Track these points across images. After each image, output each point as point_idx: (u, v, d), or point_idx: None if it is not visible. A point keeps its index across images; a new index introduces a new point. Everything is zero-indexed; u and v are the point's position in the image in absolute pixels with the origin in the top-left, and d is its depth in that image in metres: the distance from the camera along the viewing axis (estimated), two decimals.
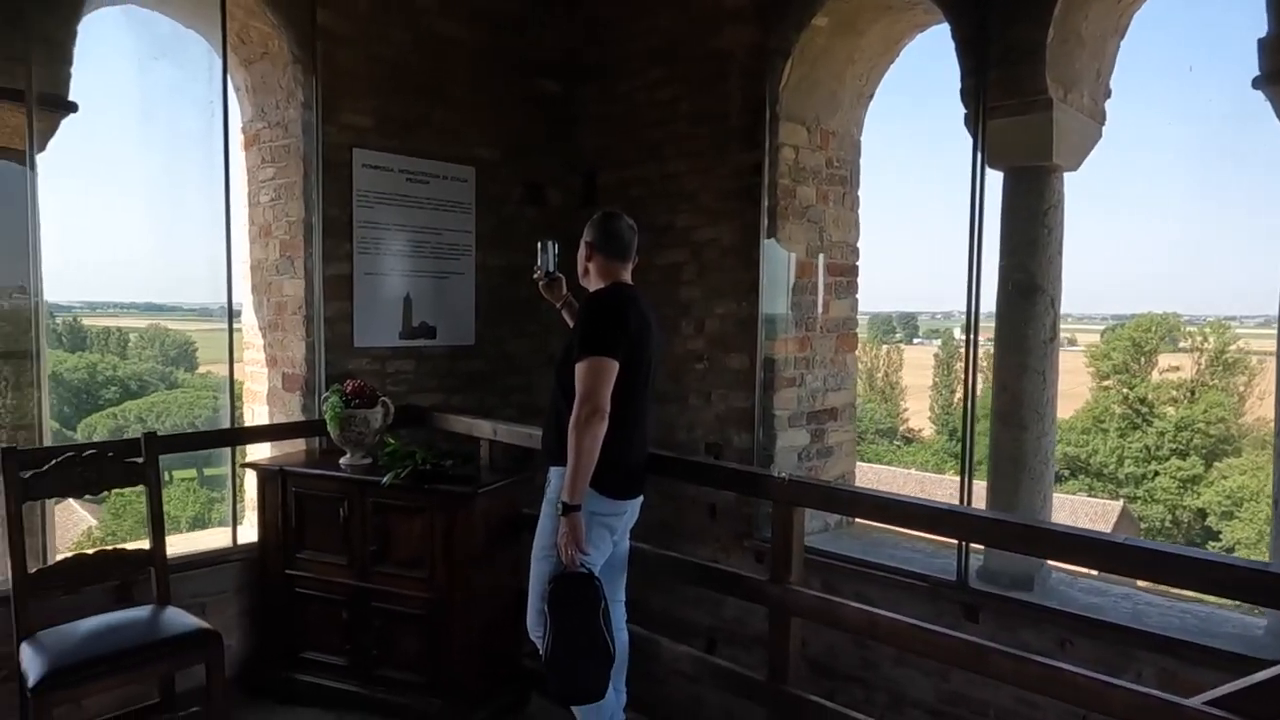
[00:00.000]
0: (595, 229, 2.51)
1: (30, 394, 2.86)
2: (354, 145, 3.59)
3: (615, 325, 2.33)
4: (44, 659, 2.24)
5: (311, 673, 3.07)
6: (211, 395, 32.71)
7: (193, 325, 40.21)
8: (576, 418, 2.24)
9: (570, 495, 2.26)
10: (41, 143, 2.84)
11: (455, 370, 4.03)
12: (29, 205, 2.81)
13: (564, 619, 2.26)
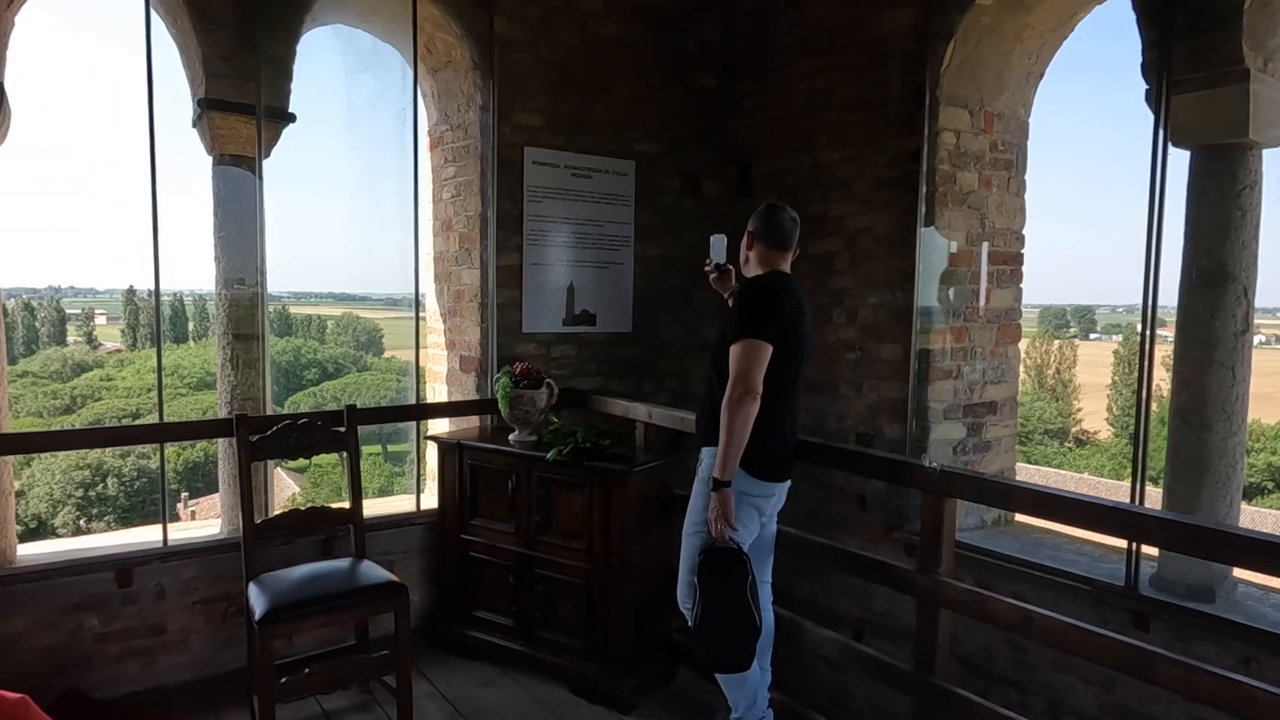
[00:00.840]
0: (758, 219, 2.57)
1: (256, 371, 3.31)
2: (525, 144, 3.85)
3: (770, 310, 2.39)
4: (267, 597, 2.62)
5: (482, 630, 3.36)
6: (395, 377, 35.51)
7: (380, 314, 43.76)
8: (729, 397, 2.32)
9: (721, 472, 2.34)
10: (267, 150, 3.27)
11: (613, 356, 4.24)
12: (257, 206, 3.24)
13: (712, 591, 2.35)
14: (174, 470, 25.57)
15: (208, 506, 21.70)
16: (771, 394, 2.37)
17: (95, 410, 27.05)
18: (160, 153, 3.05)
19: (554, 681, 3.14)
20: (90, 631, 2.91)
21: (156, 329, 3.29)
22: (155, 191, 2.98)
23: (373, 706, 2.97)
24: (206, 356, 33.67)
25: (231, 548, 3.15)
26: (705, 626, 2.38)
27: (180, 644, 3.09)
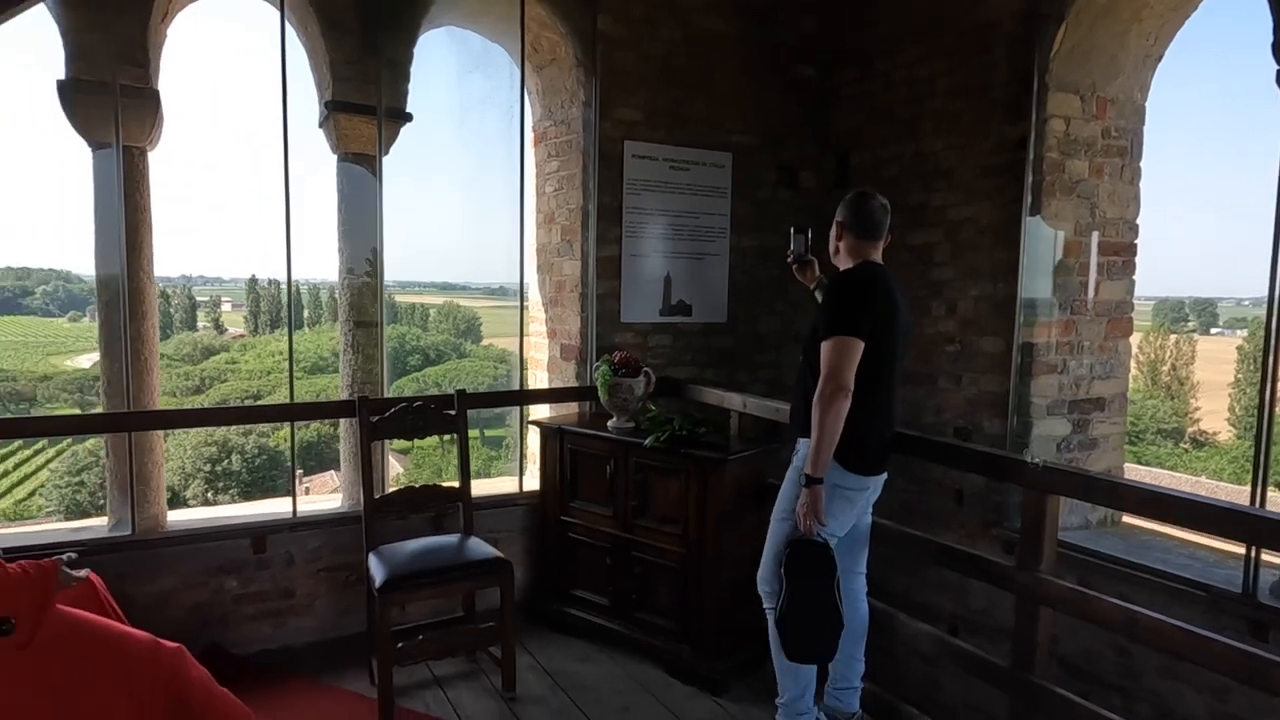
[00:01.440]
0: (847, 208, 2.53)
1: (375, 356, 3.54)
2: (625, 138, 3.95)
3: (860, 304, 2.36)
4: (385, 568, 2.82)
5: (580, 608, 3.50)
6: (492, 365, 36.73)
7: (479, 303, 45.24)
8: (821, 394, 2.31)
9: (813, 468, 2.35)
10: (386, 148, 3.48)
11: (709, 346, 4.30)
12: (377, 201, 3.46)
13: (799, 584, 2.38)
14: (290, 449, 27.18)
15: (320, 483, 23.06)
16: (865, 388, 2.35)
17: (221, 391, 29.03)
18: (295, 152, 3.29)
19: (648, 661, 3.25)
20: (230, 592, 3.20)
21: (289, 317, 3.58)
22: (288, 188, 3.23)
23: (479, 675, 3.15)
24: (320, 342, 35.62)
25: (352, 520, 3.39)
26: (792, 620, 2.40)
27: (306, 608, 3.35)
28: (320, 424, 27.70)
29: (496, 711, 2.89)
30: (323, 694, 2.96)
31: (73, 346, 40.30)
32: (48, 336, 42.83)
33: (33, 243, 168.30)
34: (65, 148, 39.93)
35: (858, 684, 2.72)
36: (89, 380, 30.09)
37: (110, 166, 3.02)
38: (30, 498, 25.38)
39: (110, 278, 3.07)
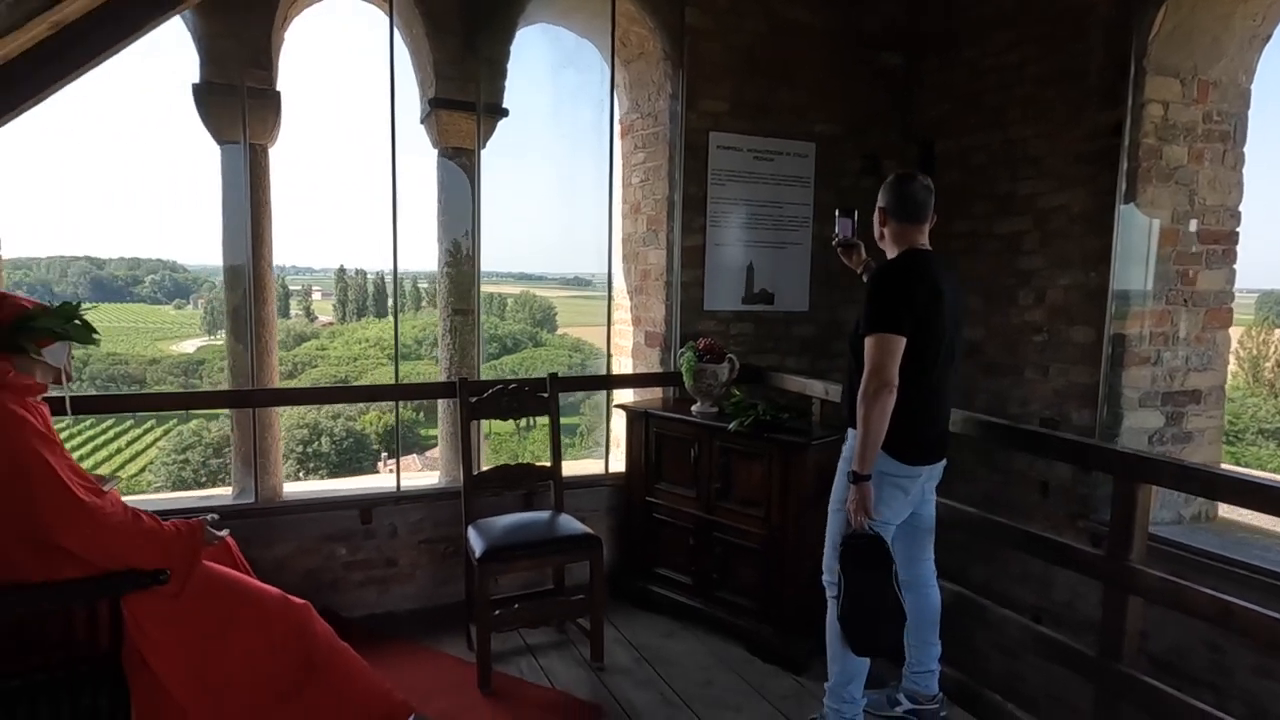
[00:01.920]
0: (888, 192, 2.48)
1: (471, 341, 3.73)
2: (711, 129, 4.03)
3: (900, 300, 2.33)
4: (484, 540, 3.00)
5: (663, 586, 3.63)
6: (567, 353, 37.38)
7: (555, 292, 46.01)
8: (864, 391, 2.31)
9: (860, 465, 2.36)
10: (483, 142, 3.65)
11: (790, 334, 4.35)
12: (475, 194, 3.64)
13: (857, 579, 2.40)
14: (374, 433, 28.30)
15: (404, 465, 23.93)
16: (912, 379, 2.34)
17: (312, 376, 30.35)
18: (385, 147, 3.49)
19: (730, 639, 3.35)
20: (340, 559, 3.44)
21: (395, 304, 3.75)
22: (395, 183, 3.42)
23: (568, 645, 3.31)
24: (404, 330, 36.81)
25: (450, 496, 3.60)
26: (852, 615, 2.43)
27: (408, 576, 3.57)
28: (405, 410, 28.80)
29: (586, 680, 3.04)
30: (425, 656, 3.16)
31: (177, 332, 42.76)
32: (155, 323, 45.58)
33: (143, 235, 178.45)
34: (174, 146, 42.31)
35: (934, 667, 2.74)
36: (192, 364, 31.98)
37: (236, 163, 3.27)
38: (141, 473, 27.13)
39: (237, 266, 3.34)
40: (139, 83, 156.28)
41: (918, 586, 2.72)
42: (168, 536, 2.09)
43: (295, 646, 2.25)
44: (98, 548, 1.98)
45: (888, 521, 2.49)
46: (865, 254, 2.87)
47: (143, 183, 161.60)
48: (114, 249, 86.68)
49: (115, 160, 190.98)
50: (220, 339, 42.49)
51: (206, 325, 46.47)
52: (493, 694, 2.90)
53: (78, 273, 51.08)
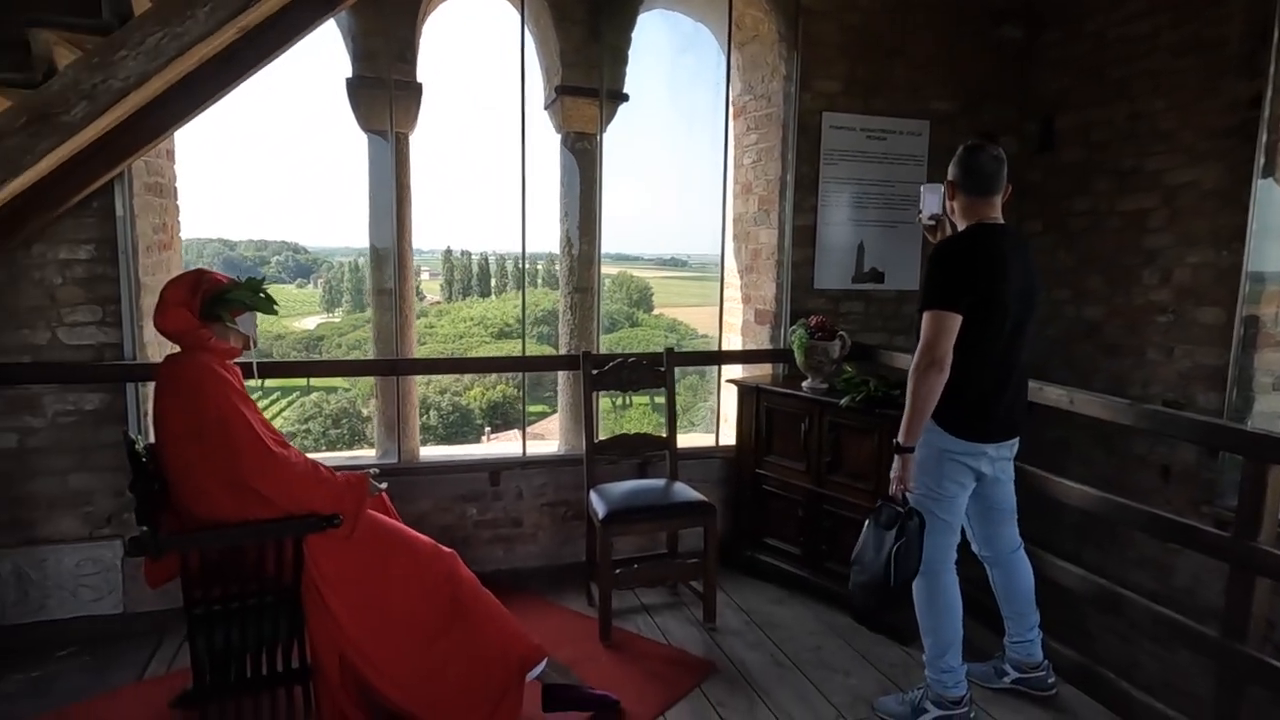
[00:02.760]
0: (956, 165, 2.44)
1: (590, 317, 3.92)
2: (824, 109, 4.07)
3: (958, 277, 2.31)
4: (605, 503, 3.19)
5: (771, 555, 3.75)
6: (663, 333, 37.73)
7: (651, 273, 46.32)
8: (915, 366, 2.34)
9: (903, 437, 2.39)
10: (604, 127, 3.82)
11: (900, 313, 4.36)
12: (598, 177, 3.82)
13: (869, 537, 2.48)
14: (478, 407, 29.40)
15: (505, 439, 24.85)
16: (973, 356, 2.34)
17: (421, 353, 31.68)
18: (509, 133, 3.70)
19: (837, 608, 3.44)
20: (471, 518, 3.72)
21: (522, 285, 3.99)
22: (524, 168, 3.64)
23: (681, 606, 3.48)
24: (505, 309, 37.97)
25: (570, 463, 3.82)
26: (855, 566, 2.51)
27: (532, 536, 3.82)
28: (506, 386, 29.78)
29: (699, 638, 3.20)
30: (549, 609, 3.39)
31: (300, 310, 45.34)
32: (280, 300, 48.39)
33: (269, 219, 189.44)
34: (299, 136, 44.56)
35: (1032, 635, 2.75)
36: (313, 339, 33.92)
37: (382, 151, 3.55)
38: None
39: (383, 248, 3.63)
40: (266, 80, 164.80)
41: (1002, 561, 2.73)
42: (340, 485, 2.36)
43: (444, 589, 2.50)
44: (284, 493, 2.26)
45: (953, 497, 2.51)
46: (950, 230, 2.85)
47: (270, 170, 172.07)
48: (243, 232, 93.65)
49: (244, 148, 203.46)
50: (337, 316, 44.86)
51: (325, 303, 49.07)
52: (613, 645, 3.10)
53: (212, 253, 54.76)
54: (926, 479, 2.49)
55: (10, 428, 3.13)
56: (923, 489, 2.49)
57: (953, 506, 2.53)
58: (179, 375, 2.26)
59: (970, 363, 2.36)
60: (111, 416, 3.23)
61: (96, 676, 2.81)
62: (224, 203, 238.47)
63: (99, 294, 3.16)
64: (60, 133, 2.41)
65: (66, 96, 2.40)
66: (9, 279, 3.07)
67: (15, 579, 3.14)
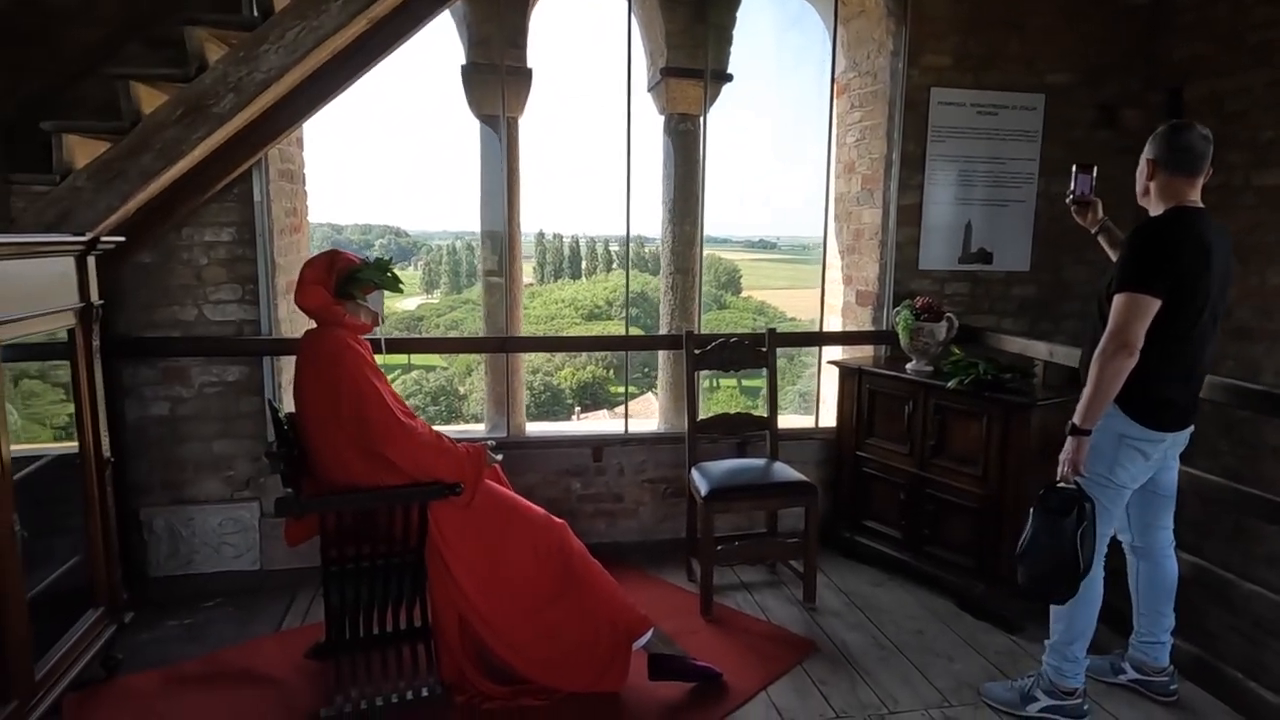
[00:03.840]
0: (1160, 143, 2.34)
1: (691, 297, 3.97)
2: (932, 85, 3.97)
3: (1162, 258, 2.21)
4: (707, 481, 3.24)
5: (870, 538, 3.73)
6: (751, 316, 37.43)
7: (739, 255, 45.95)
8: (1103, 349, 2.24)
9: (1080, 418, 2.30)
10: (708, 108, 3.84)
11: (1008, 295, 4.23)
12: (700, 158, 3.85)
13: (1041, 525, 2.37)
14: (569, 387, 29.94)
15: (594, 419, 25.32)
16: (1167, 343, 2.26)
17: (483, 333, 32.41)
18: (606, 118, 3.76)
19: (939, 593, 3.41)
20: (575, 492, 3.84)
21: (626, 267, 4.05)
22: (630, 151, 3.70)
23: (780, 585, 3.52)
24: (595, 292, 38.41)
25: (669, 441, 3.90)
26: (1027, 555, 2.40)
27: (632, 512, 3.92)
28: (596, 367, 30.21)
29: (799, 618, 3.23)
30: (651, 583, 3.48)
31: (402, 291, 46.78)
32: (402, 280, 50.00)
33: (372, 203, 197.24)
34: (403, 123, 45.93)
35: (1165, 639, 2.66)
36: (413, 320, 35.11)
37: (494, 136, 3.68)
38: None
39: (493, 230, 3.77)
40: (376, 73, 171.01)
41: (1153, 555, 2.64)
42: (461, 455, 2.50)
43: (557, 558, 2.61)
44: (411, 461, 2.41)
45: (1123, 485, 2.45)
46: (1102, 212, 2.76)
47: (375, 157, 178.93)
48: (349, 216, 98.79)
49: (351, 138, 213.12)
50: (435, 298, 46.32)
51: (424, 285, 50.71)
52: (714, 620, 3.16)
53: (321, 237, 57.28)
54: (1100, 465, 2.41)
55: (164, 396, 3.42)
56: (1094, 474, 2.42)
57: (1119, 496, 2.46)
58: (317, 349, 2.43)
59: (1164, 350, 2.28)
60: (251, 387, 3.48)
61: (240, 626, 3.07)
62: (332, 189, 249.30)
63: (239, 274, 3.41)
64: (211, 123, 2.61)
65: (216, 89, 2.59)
66: (161, 260, 3.35)
67: (168, 535, 3.44)
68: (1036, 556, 2.38)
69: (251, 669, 2.75)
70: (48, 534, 2.35)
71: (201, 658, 2.82)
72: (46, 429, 2.63)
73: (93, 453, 2.46)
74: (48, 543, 2.38)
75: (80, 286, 2.38)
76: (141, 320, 3.36)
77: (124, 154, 2.58)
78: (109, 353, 2.90)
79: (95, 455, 2.47)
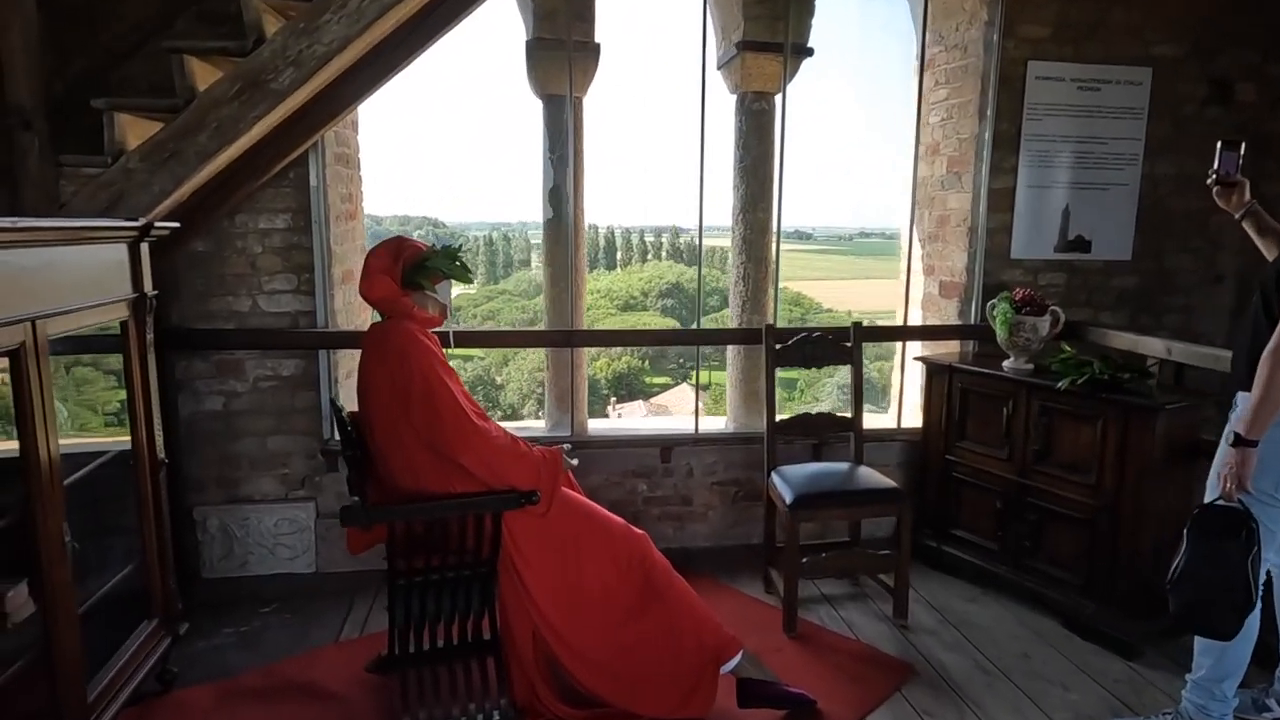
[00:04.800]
0: None
1: (764, 289, 3.72)
2: (1029, 58, 3.66)
3: None
4: (791, 487, 3.00)
5: (959, 548, 3.46)
6: (788, 307, 36.90)
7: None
8: (1273, 348, 2.01)
9: (1247, 428, 2.05)
10: (786, 85, 3.57)
11: (1107, 286, 3.92)
12: (775, 139, 3.59)
13: (1200, 547, 2.11)
14: (604, 379, 29.79)
15: (629, 410, 25.19)
16: None
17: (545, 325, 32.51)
18: (665, 101, 3.51)
19: (1041, 611, 3.14)
20: (640, 494, 3.63)
21: (699, 256, 3.80)
22: (703, 134, 3.45)
23: (864, 599, 3.27)
24: (630, 282, 38.17)
25: (741, 441, 3.67)
26: (1183, 583, 2.14)
27: (702, 516, 3.70)
28: (631, 359, 30.01)
29: (890, 636, 2.98)
30: (726, 594, 3.26)
31: None
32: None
33: (411, 194, 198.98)
34: (439, 112, 46.08)
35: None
36: (453, 310, 35.34)
37: (558, 115, 3.46)
38: None
39: (554, 220, 3.56)
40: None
41: None
42: (538, 460, 2.29)
43: (638, 571, 2.40)
44: (485, 467, 2.21)
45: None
46: (1249, 194, 2.46)
47: (413, 148, 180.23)
48: (388, 208, 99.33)
49: (389, 128, 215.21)
50: (473, 288, 46.54)
51: None
52: (798, 637, 2.93)
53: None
54: (1266, 480, 2.14)
55: (218, 391, 3.27)
56: (1260, 491, 2.15)
57: (1276, 515, 2.18)
58: (386, 343, 2.24)
59: None
60: (306, 382, 3.32)
61: (297, 634, 2.91)
62: (371, 180, 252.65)
63: (294, 262, 3.24)
64: (269, 99, 2.43)
65: (275, 63, 2.41)
66: (215, 247, 3.19)
67: (222, 535, 3.30)
68: (1196, 585, 2.11)
69: (312, 683, 2.59)
70: (98, 535, 2.20)
71: (259, 669, 2.66)
72: (98, 416, 2.49)
73: (146, 454, 2.30)
74: (98, 545, 2.23)
75: (134, 276, 2.22)
76: (194, 311, 3.22)
77: (179, 133, 2.41)
78: (161, 345, 2.74)
79: (149, 456, 2.31)
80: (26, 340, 1.68)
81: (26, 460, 1.72)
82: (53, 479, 1.78)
